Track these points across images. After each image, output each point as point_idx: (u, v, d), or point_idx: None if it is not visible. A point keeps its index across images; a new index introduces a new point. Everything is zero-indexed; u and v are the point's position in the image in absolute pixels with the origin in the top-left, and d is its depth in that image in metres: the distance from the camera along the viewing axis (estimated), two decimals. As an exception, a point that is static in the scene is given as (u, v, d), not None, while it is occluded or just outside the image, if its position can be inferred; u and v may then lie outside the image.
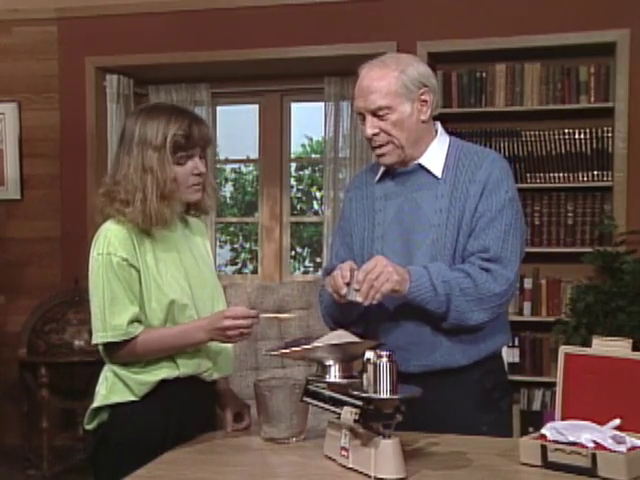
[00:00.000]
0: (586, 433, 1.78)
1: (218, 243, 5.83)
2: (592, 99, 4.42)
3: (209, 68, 5.02)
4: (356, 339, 1.99)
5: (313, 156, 6.46)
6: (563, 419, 1.91)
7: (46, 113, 5.16)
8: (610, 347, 1.89)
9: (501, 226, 2.13)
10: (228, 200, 6.32)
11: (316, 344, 1.93)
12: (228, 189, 6.37)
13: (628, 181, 4.34)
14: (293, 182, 5.92)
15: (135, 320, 2.07)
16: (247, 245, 6.45)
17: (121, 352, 2.08)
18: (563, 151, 4.46)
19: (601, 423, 1.83)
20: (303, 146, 6.39)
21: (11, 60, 5.19)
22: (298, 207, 6.22)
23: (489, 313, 2.11)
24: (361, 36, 4.68)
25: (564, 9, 4.42)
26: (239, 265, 6.45)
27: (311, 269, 6.36)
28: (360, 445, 1.81)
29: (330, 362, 1.92)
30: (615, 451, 1.72)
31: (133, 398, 2.09)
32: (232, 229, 6.47)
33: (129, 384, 2.09)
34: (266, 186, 5.43)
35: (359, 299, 2.01)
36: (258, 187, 5.61)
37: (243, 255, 6.47)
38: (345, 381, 1.90)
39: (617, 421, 1.83)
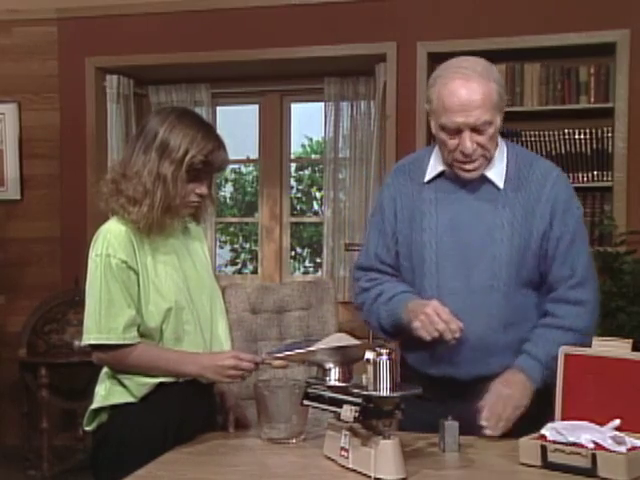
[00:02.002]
0: (586, 433, 1.78)
1: (218, 243, 5.82)
2: (592, 99, 4.42)
3: (209, 68, 5.02)
4: (356, 341, 1.98)
5: (313, 156, 6.46)
6: (563, 419, 1.91)
7: (46, 113, 5.16)
8: (610, 347, 1.89)
9: (583, 244, 2.16)
10: (228, 200, 6.32)
11: (315, 347, 1.93)
12: (228, 189, 6.36)
13: (628, 181, 4.34)
14: (293, 182, 5.92)
15: (131, 325, 2.06)
16: (247, 245, 6.45)
17: (110, 356, 2.07)
18: (563, 151, 4.45)
19: (601, 423, 1.83)
20: (303, 146, 6.39)
21: (11, 60, 5.18)
22: (298, 207, 6.22)
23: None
24: (361, 36, 4.68)
25: (564, 9, 4.42)
26: (239, 265, 6.44)
27: (311, 269, 6.35)
28: (360, 445, 1.80)
29: (330, 365, 1.91)
30: (615, 451, 1.73)
31: (132, 399, 2.09)
32: (232, 229, 6.46)
33: (128, 385, 2.09)
34: (266, 186, 5.43)
35: (489, 432, 2.02)
36: (258, 187, 5.61)
37: (243, 255, 6.46)
38: (345, 384, 1.89)
39: (617, 421, 1.83)
